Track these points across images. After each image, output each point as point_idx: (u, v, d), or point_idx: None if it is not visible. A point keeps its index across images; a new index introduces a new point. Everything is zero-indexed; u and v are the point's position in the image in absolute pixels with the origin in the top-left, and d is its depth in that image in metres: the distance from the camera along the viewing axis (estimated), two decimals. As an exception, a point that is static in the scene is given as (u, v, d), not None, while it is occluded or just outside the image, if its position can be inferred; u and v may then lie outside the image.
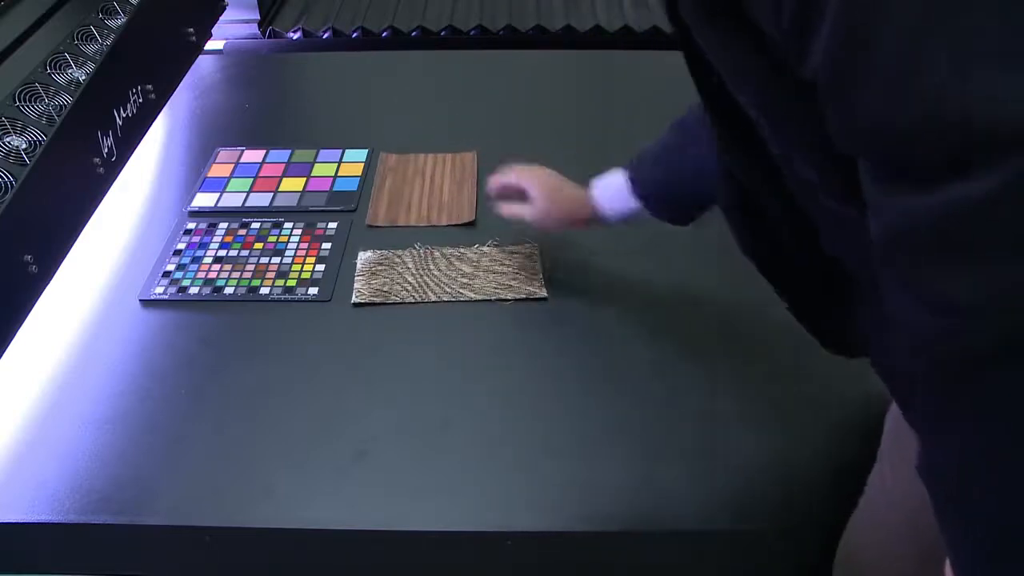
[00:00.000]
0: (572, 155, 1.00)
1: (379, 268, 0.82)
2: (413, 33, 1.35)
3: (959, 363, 0.33)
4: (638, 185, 0.71)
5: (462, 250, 0.85)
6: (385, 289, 0.80)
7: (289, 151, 1.01)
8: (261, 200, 0.93)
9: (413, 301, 0.79)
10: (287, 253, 0.85)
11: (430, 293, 0.80)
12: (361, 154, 1.00)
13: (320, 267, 0.83)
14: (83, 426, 0.67)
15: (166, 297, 0.80)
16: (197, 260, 0.84)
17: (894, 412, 0.53)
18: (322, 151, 1.01)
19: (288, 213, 0.91)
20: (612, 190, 0.73)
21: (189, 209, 0.91)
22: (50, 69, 0.80)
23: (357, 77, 1.19)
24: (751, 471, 0.64)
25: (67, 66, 0.81)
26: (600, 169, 0.96)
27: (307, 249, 0.85)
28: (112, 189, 0.87)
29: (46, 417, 0.69)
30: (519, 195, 0.79)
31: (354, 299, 0.79)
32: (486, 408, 0.69)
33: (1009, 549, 0.35)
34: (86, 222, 0.82)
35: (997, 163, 0.29)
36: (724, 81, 0.42)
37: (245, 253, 0.85)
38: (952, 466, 0.36)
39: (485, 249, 0.85)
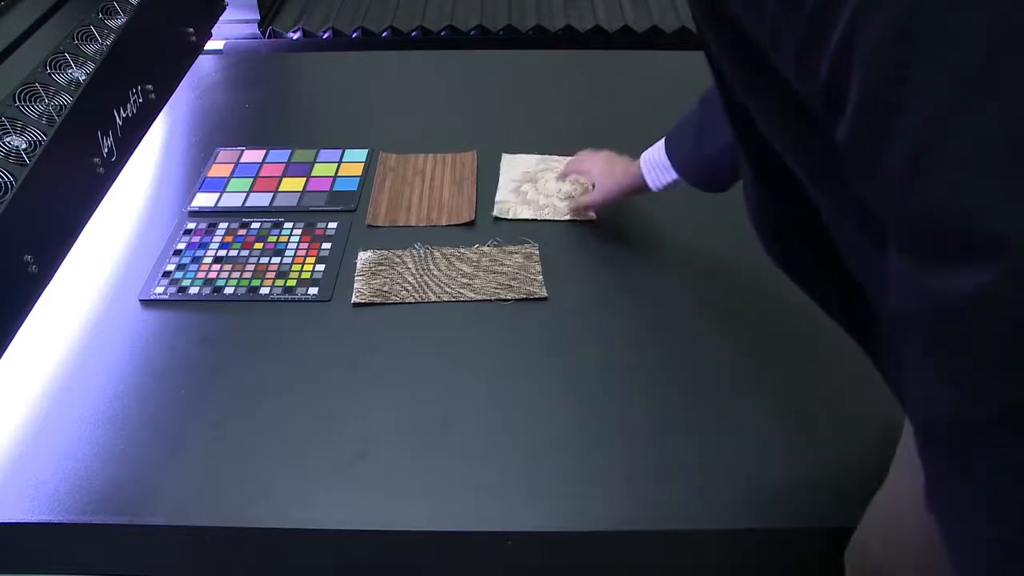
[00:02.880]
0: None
1: (379, 268, 0.82)
2: (413, 33, 1.35)
3: (960, 427, 0.35)
4: (675, 160, 0.77)
5: (462, 250, 0.85)
6: (385, 289, 0.80)
7: (289, 151, 1.01)
8: (261, 200, 0.93)
9: (413, 301, 0.79)
10: (287, 253, 0.85)
11: (430, 293, 0.80)
12: (361, 154, 1.00)
13: (320, 267, 0.83)
14: (83, 426, 0.67)
15: (166, 297, 0.80)
16: (197, 260, 0.84)
17: None
18: (322, 151, 1.01)
19: (288, 213, 0.91)
20: (655, 165, 0.80)
21: (189, 209, 0.91)
22: (50, 69, 0.80)
23: (357, 77, 1.20)
24: (753, 471, 0.64)
25: (67, 66, 0.81)
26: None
27: (307, 249, 0.85)
28: (112, 189, 0.88)
29: (46, 417, 0.69)
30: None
31: (354, 299, 0.79)
32: (486, 408, 0.69)
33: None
34: (86, 222, 0.82)
35: (990, 263, 0.32)
36: (756, 120, 0.44)
37: (245, 253, 0.85)
38: (957, 507, 0.37)
39: (485, 249, 0.85)
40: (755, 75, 0.41)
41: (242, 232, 0.88)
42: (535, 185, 0.93)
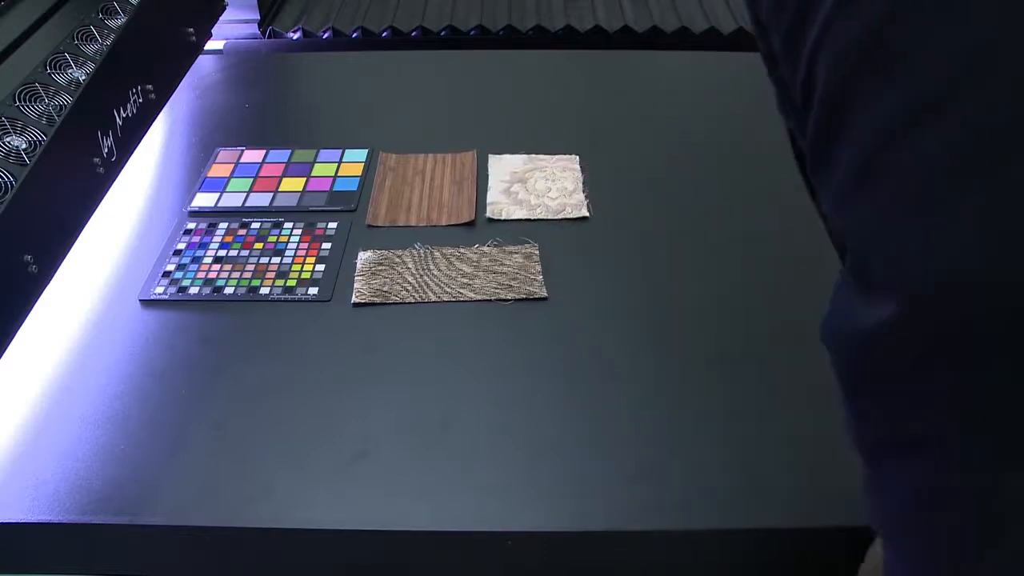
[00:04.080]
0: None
1: (379, 268, 0.82)
2: (413, 33, 1.35)
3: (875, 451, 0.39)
4: None
5: (462, 250, 0.85)
6: (385, 289, 0.80)
7: (289, 151, 1.01)
8: (261, 200, 0.93)
9: (413, 301, 0.79)
10: (287, 253, 0.85)
11: (430, 293, 0.80)
12: (361, 154, 1.00)
13: (320, 267, 0.83)
14: (83, 426, 0.67)
15: (166, 297, 0.80)
16: (197, 260, 0.84)
17: None
18: (322, 151, 1.01)
19: (288, 213, 0.91)
20: None
21: (189, 209, 0.91)
22: (50, 69, 0.80)
23: (357, 77, 1.20)
24: (753, 471, 0.64)
25: (67, 66, 0.81)
26: (601, 169, 0.97)
27: (307, 249, 0.85)
28: (112, 189, 0.88)
29: (46, 417, 0.69)
30: None
31: (354, 299, 0.79)
32: (486, 408, 0.69)
33: None
34: (86, 222, 0.82)
35: (891, 298, 0.33)
36: None
37: (245, 253, 0.85)
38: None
39: (485, 249, 0.85)
40: (772, 65, 0.41)
41: (242, 232, 0.88)
42: (525, 185, 0.93)
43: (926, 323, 0.33)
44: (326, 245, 0.86)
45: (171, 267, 0.83)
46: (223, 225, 0.89)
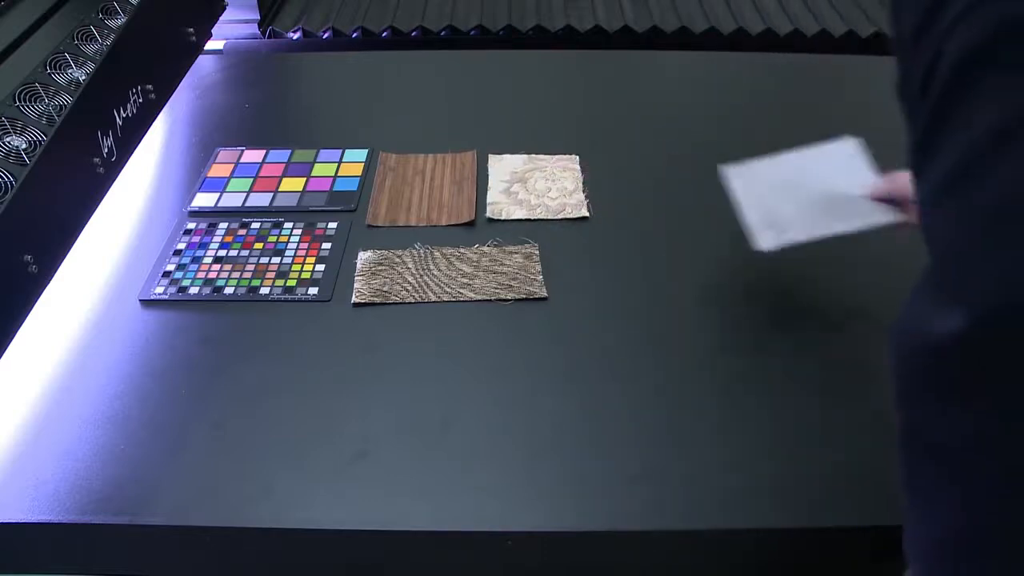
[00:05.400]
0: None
1: (379, 268, 0.82)
2: (413, 33, 1.35)
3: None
4: None
5: (462, 250, 0.85)
6: (385, 289, 0.80)
7: (289, 151, 1.01)
8: (261, 200, 0.93)
9: (413, 301, 0.79)
10: (287, 253, 0.85)
11: (430, 293, 0.80)
12: (361, 154, 1.00)
13: (320, 267, 0.83)
14: (83, 426, 0.67)
15: (166, 297, 0.80)
16: (197, 260, 0.84)
17: None
18: (322, 151, 1.01)
19: (288, 213, 0.91)
20: None
21: (189, 209, 0.91)
22: (50, 69, 0.80)
23: (357, 77, 1.20)
24: (753, 470, 0.64)
25: (67, 66, 0.81)
26: (601, 169, 0.97)
27: (307, 249, 0.85)
28: (112, 189, 0.88)
29: (46, 417, 0.69)
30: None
31: (354, 299, 0.79)
32: (486, 408, 0.69)
33: None
34: (86, 222, 0.82)
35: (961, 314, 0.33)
36: None
37: (245, 253, 0.85)
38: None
39: (485, 249, 0.85)
40: (900, 47, 0.41)
41: (242, 232, 0.88)
42: (525, 185, 0.93)
43: (991, 343, 0.32)
44: (326, 245, 0.86)
45: (171, 267, 0.83)
46: (223, 225, 0.89)
